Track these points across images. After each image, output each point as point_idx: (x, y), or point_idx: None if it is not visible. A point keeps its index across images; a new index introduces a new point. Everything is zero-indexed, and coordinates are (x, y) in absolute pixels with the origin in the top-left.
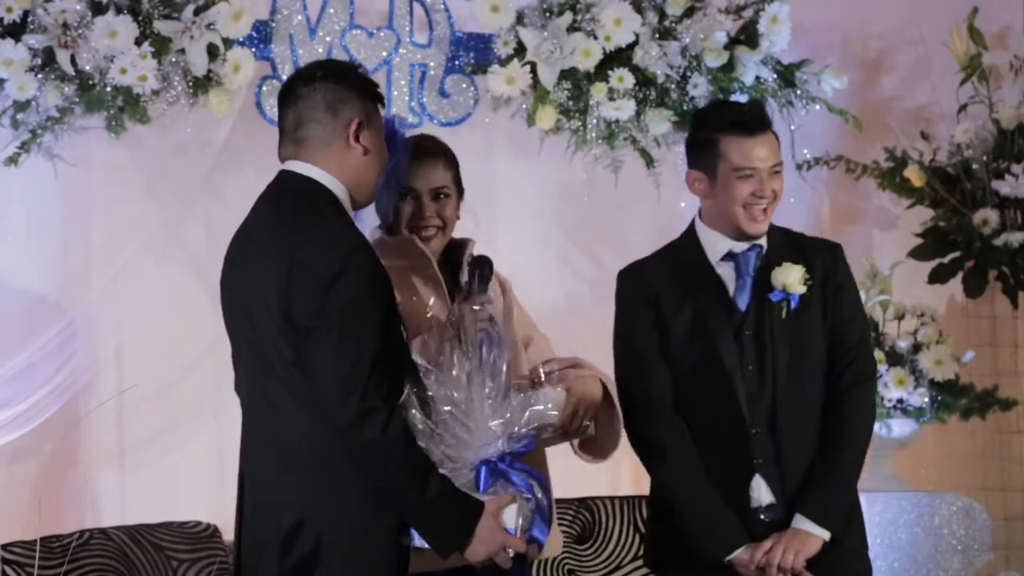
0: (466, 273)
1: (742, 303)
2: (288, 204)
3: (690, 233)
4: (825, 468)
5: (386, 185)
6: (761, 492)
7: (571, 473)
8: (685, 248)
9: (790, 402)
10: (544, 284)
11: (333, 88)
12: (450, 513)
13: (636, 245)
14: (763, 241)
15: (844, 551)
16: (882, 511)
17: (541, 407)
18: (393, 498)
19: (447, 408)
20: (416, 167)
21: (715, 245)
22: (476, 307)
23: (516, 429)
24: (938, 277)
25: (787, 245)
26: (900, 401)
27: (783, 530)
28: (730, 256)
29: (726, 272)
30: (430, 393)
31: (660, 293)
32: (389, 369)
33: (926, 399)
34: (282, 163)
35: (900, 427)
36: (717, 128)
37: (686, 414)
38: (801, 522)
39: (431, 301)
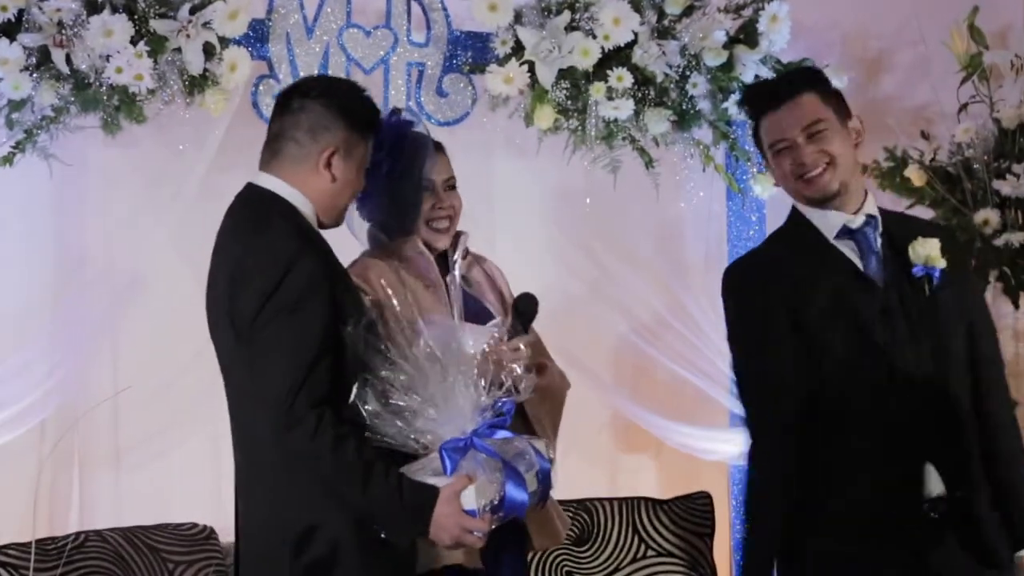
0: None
1: (878, 280)
2: (241, 217)
3: (795, 215)
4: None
5: (395, 181)
6: (932, 482)
7: (569, 475)
8: (796, 231)
9: (944, 387)
10: (542, 284)
11: (322, 111)
12: (399, 506)
13: (635, 245)
14: (875, 211)
15: None
16: None
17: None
18: (341, 499)
19: (410, 395)
20: (428, 159)
21: (827, 222)
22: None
23: (482, 394)
24: None
25: (902, 222)
26: None
27: (948, 525)
28: (847, 233)
29: (848, 250)
30: (390, 382)
31: (788, 276)
32: (327, 377)
33: None
34: (259, 171)
35: None
36: (752, 114)
37: (842, 403)
38: None
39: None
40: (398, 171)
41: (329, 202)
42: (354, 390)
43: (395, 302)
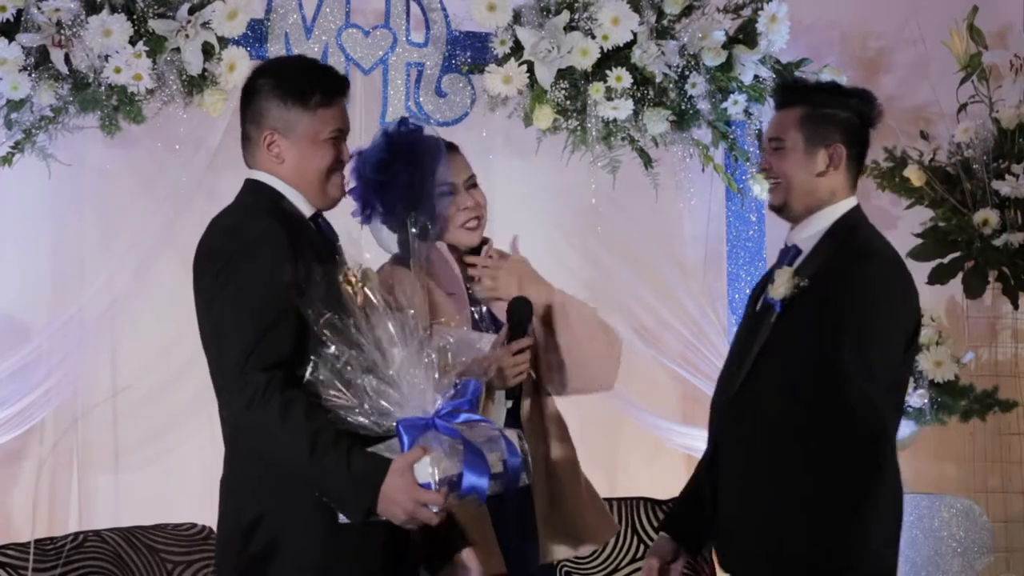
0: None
1: (765, 304)
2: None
3: None
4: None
5: (416, 188)
6: None
7: None
8: None
9: (743, 413)
10: None
11: (258, 97)
12: (348, 476)
13: (634, 245)
14: (805, 242)
15: None
16: None
17: (472, 343)
18: (287, 468)
19: (369, 376)
20: (444, 163)
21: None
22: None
23: (442, 375)
24: (938, 277)
25: (827, 250)
26: None
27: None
28: (780, 253)
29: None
30: (349, 365)
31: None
32: (284, 342)
33: (926, 400)
34: None
35: (900, 429)
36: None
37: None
38: None
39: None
40: (418, 180)
41: (295, 177)
42: (308, 366)
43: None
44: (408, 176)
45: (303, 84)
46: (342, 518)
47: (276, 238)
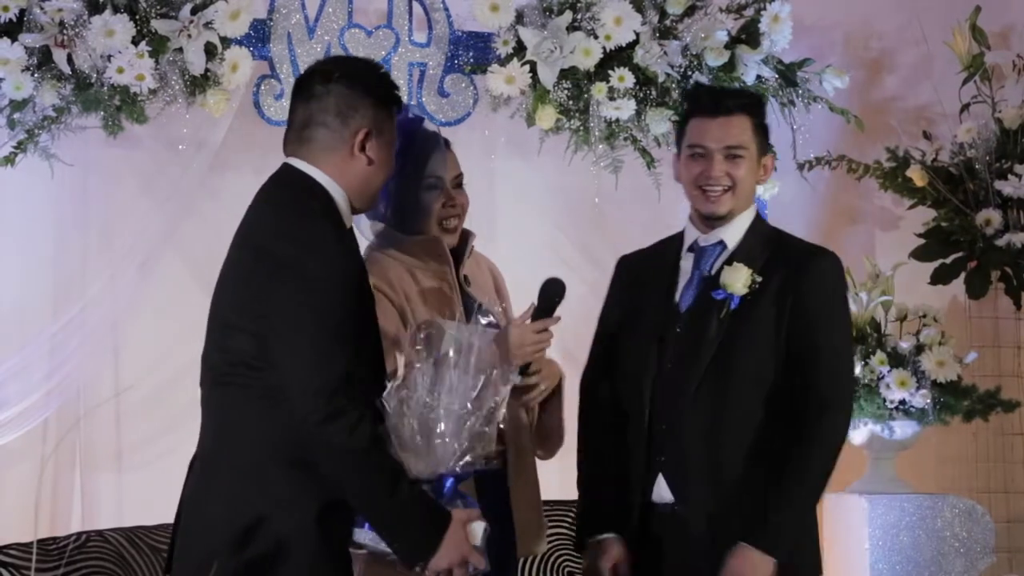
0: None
1: (685, 300)
2: (277, 195)
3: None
4: (776, 498)
5: (405, 177)
6: (662, 490)
7: (572, 475)
8: (674, 238)
9: (707, 404)
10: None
11: (347, 92)
12: (420, 519)
13: (636, 246)
14: (731, 238)
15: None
16: (884, 513)
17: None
18: (359, 500)
19: (412, 416)
20: (437, 157)
21: (688, 235)
22: (483, 322)
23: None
24: (940, 278)
25: (764, 247)
26: (902, 403)
27: (678, 531)
28: (694, 248)
29: (686, 265)
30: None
31: (628, 282)
32: (362, 372)
33: (928, 401)
34: (286, 156)
35: (902, 429)
36: (688, 110)
37: (610, 410)
38: (746, 550)
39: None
40: (408, 169)
41: (364, 187)
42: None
43: (410, 310)
44: (400, 164)
45: (389, 88)
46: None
47: (361, 265)
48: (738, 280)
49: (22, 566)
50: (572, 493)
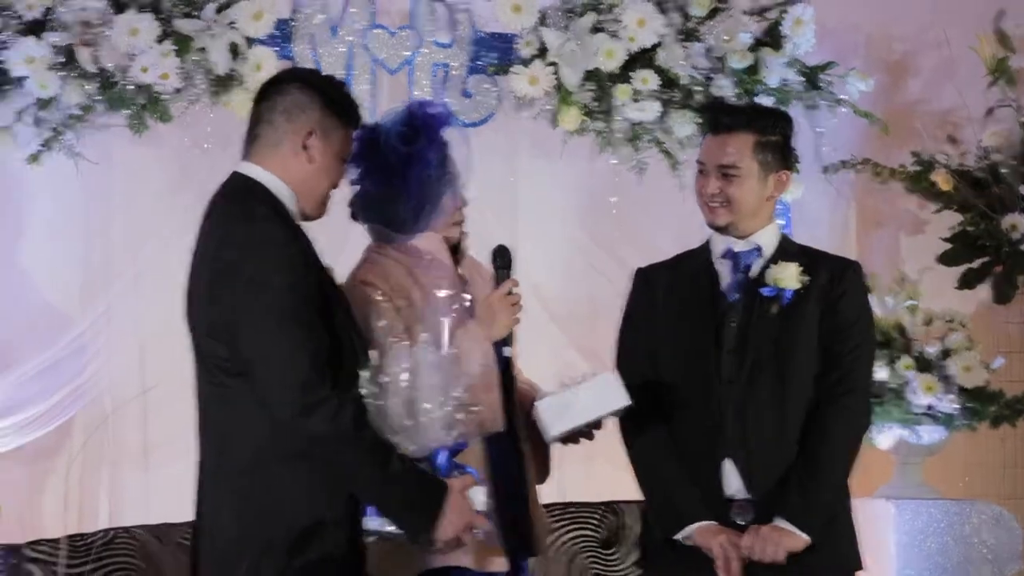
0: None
1: (731, 295)
2: (221, 207)
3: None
4: (802, 472)
5: (427, 173)
6: (730, 479)
7: (596, 477)
8: (697, 250)
9: (768, 397)
10: (567, 286)
11: (297, 94)
12: (416, 491)
13: (660, 247)
14: (765, 243)
15: (825, 558)
16: (911, 519)
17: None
18: (355, 483)
19: (399, 392)
20: (462, 157)
21: (717, 244)
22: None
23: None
24: (967, 282)
25: (795, 254)
26: (929, 408)
27: (755, 522)
28: (730, 255)
29: (724, 269)
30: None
31: (657, 289)
32: (335, 358)
33: (955, 406)
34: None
35: (929, 434)
36: (706, 127)
37: (667, 402)
38: (778, 521)
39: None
40: (433, 164)
41: (307, 189)
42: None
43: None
44: (436, 153)
45: (345, 98)
46: (374, 524)
47: (313, 256)
48: (790, 276)
49: (51, 562)
50: (596, 495)
